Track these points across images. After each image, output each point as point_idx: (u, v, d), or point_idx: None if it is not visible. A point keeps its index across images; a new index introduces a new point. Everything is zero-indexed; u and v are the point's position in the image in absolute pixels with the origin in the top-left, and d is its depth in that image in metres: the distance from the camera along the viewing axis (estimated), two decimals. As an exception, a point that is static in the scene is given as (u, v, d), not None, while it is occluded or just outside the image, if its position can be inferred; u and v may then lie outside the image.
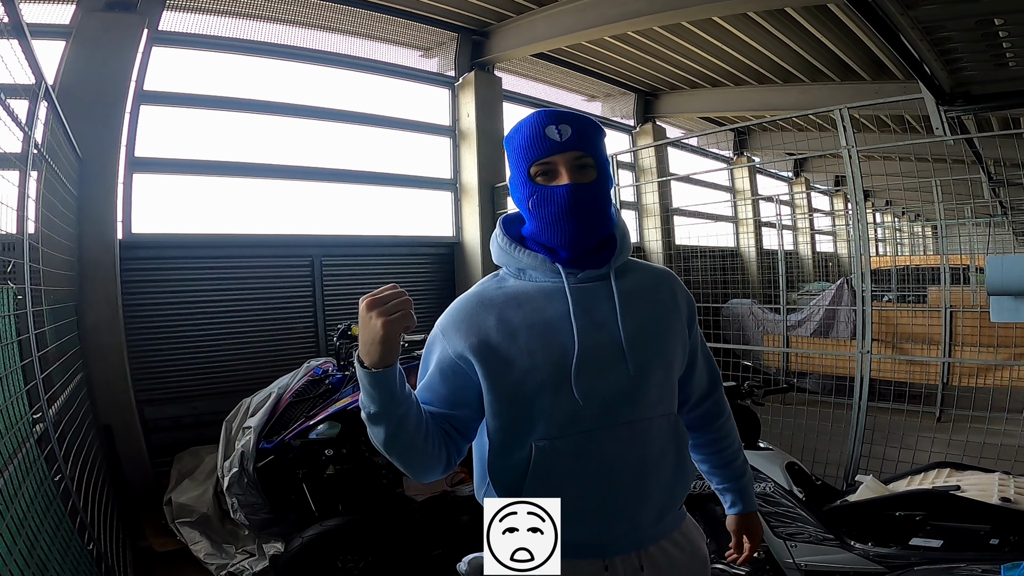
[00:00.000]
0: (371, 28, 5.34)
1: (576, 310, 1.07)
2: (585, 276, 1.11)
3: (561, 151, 1.07)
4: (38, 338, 2.31)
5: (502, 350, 1.05)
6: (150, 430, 4.05)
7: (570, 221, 1.07)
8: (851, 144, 3.43)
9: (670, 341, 1.14)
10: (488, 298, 1.11)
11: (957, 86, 2.87)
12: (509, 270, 1.16)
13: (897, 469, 3.07)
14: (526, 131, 1.09)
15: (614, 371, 1.07)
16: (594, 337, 1.07)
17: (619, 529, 1.09)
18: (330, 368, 3.30)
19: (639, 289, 1.15)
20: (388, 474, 2.96)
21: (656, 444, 1.10)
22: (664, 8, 4.61)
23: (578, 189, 1.07)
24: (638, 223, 7.34)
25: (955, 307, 4.99)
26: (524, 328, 1.06)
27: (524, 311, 1.08)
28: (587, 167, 1.09)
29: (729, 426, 1.33)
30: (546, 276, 1.11)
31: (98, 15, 3.84)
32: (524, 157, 1.09)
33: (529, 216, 1.12)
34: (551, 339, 1.06)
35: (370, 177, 5.46)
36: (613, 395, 1.07)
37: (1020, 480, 1.99)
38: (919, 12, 2.00)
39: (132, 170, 4.16)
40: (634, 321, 1.10)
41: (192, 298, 4.35)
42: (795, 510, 2.19)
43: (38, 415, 2.18)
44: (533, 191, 1.09)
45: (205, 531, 3.15)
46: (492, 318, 1.08)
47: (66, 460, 2.35)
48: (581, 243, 1.09)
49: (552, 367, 1.04)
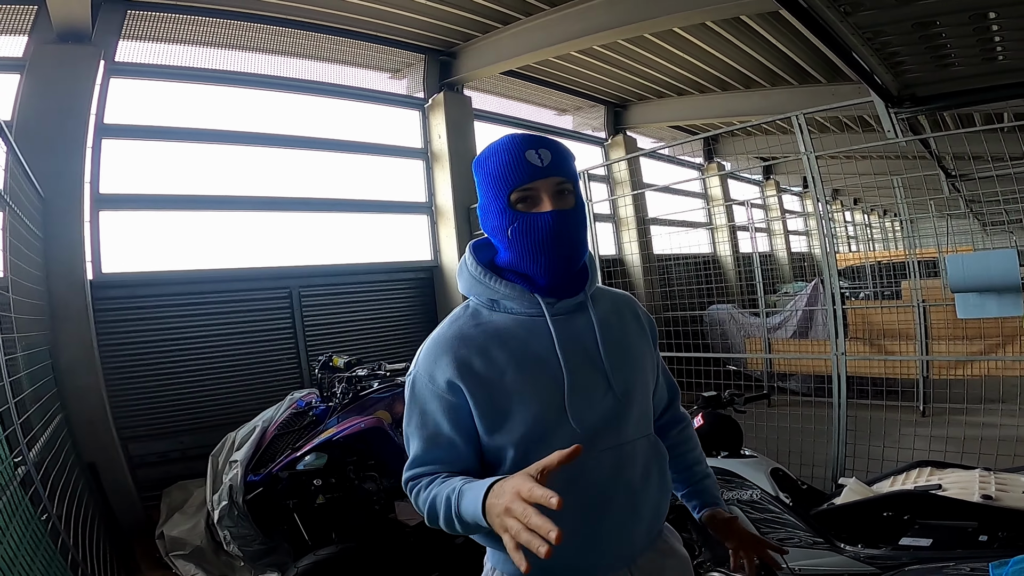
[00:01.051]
0: (337, 53, 5.35)
1: (560, 342, 1.06)
2: (562, 306, 1.10)
3: (543, 176, 1.04)
4: (13, 385, 2.33)
5: (492, 391, 1.03)
6: (136, 466, 4.02)
7: (552, 249, 1.05)
8: (809, 149, 3.51)
9: (644, 364, 1.16)
10: (468, 337, 1.07)
11: (903, 88, 2.94)
12: (480, 300, 1.12)
13: (883, 467, 3.10)
14: (504, 156, 1.05)
15: (602, 399, 1.07)
16: (580, 368, 1.06)
17: (612, 551, 1.08)
18: (313, 400, 3.28)
19: (609, 315, 1.15)
20: (379, 500, 2.96)
21: (641, 465, 1.11)
22: (626, 21, 4.71)
23: (561, 216, 1.04)
24: (615, 235, 7.40)
25: (927, 301, 5.10)
26: (511, 367, 1.04)
27: (508, 348, 1.05)
28: (567, 193, 1.06)
29: (689, 432, 1.34)
30: (523, 307, 1.09)
31: (51, 47, 3.78)
32: (504, 183, 1.05)
33: (507, 245, 1.08)
34: (539, 375, 1.04)
35: (344, 204, 5.44)
36: (601, 423, 1.07)
37: (1000, 476, 2.02)
38: (857, 18, 2.04)
39: (98, 207, 4.09)
40: (612, 347, 1.11)
41: (171, 335, 4.29)
42: (783, 515, 2.19)
43: (19, 458, 2.22)
44: (513, 219, 1.05)
45: (200, 563, 3.17)
46: (477, 358, 1.04)
47: (52, 499, 2.41)
48: (563, 271, 1.08)
49: (544, 404, 1.03)
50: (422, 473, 1.07)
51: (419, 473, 1.07)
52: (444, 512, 0.97)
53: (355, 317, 5.25)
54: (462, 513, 0.93)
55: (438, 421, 1.05)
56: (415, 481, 1.07)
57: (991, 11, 1.99)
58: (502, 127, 6.79)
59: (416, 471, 1.07)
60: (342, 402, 3.14)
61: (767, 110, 6.63)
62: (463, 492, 0.94)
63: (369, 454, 3.05)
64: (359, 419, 3.02)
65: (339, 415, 3.08)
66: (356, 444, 2.99)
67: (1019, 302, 2.99)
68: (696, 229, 7.50)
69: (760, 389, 3.65)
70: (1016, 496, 1.85)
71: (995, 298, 3.04)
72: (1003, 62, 2.55)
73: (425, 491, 1.03)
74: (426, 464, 1.07)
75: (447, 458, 1.06)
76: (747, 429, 2.67)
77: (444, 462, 1.06)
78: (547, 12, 5.04)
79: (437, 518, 1.00)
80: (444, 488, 0.99)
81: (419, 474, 1.07)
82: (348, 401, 3.14)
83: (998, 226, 7.67)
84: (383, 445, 3.01)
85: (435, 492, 1.01)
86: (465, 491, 0.93)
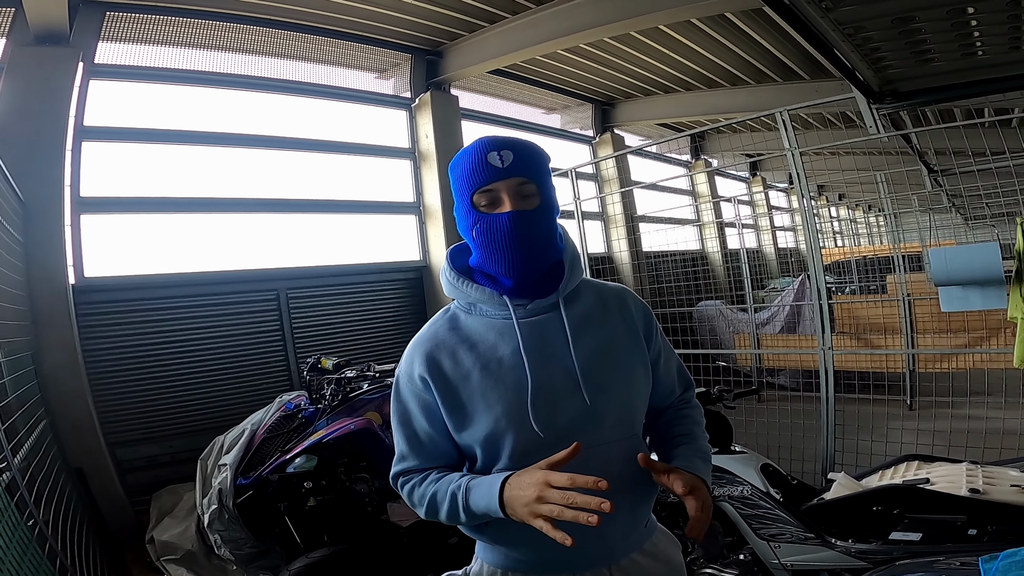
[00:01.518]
0: (322, 53, 5.31)
1: (527, 345, 1.07)
2: (535, 307, 1.11)
3: (503, 177, 1.06)
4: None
5: (458, 391, 1.07)
6: (125, 471, 3.99)
7: (513, 250, 1.06)
8: (793, 145, 3.54)
9: (627, 362, 1.13)
10: (440, 339, 1.12)
11: (884, 84, 2.95)
12: (460, 304, 1.16)
13: (872, 461, 3.14)
14: (468, 158, 1.08)
15: (570, 401, 1.07)
16: (547, 370, 1.07)
17: (587, 546, 1.07)
18: (302, 402, 3.24)
19: (591, 312, 1.14)
20: (372, 501, 2.95)
21: (616, 467, 1.07)
22: (613, 19, 4.71)
23: (520, 217, 1.05)
24: (604, 233, 7.42)
25: (912, 295, 5.16)
26: (477, 369, 1.07)
27: (476, 351, 1.09)
28: (530, 195, 1.07)
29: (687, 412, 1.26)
30: (496, 310, 1.11)
31: (29, 49, 3.73)
32: (467, 185, 1.08)
33: (474, 245, 1.11)
34: (504, 377, 1.06)
35: (332, 205, 5.40)
36: (570, 424, 1.06)
37: (988, 469, 2.04)
38: (838, 14, 2.05)
39: (79, 211, 4.02)
40: (588, 348, 1.10)
41: (157, 339, 4.24)
42: (774, 511, 2.21)
43: (3, 464, 2.24)
44: (477, 219, 1.08)
45: (192, 567, 3.17)
46: (446, 360, 1.09)
47: (37, 505, 2.42)
48: (525, 272, 1.08)
49: (507, 405, 1.05)
50: (411, 469, 1.14)
51: (408, 468, 1.14)
52: (448, 507, 1.05)
53: (344, 318, 5.22)
54: (471, 506, 1.02)
55: (419, 419, 1.11)
56: (406, 477, 1.14)
57: (969, 6, 2.00)
58: (490, 126, 6.78)
59: (404, 467, 1.14)
60: (331, 404, 3.11)
61: (753, 107, 6.68)
62: (470, 489, 1.02)
63: (360, 455, 3.03)
64: (349, 420, 3.00)
65: (329, 417, 3.05)
66: (346, 446, 2.97)
67: (1003, 295, 3.03)
68: (684, 226, 7.54)
69: (749, 385, 3.67)
70: (1003, 489, 1.87)
71: (978, 291, 3.08)
72: (982, 57, 2.58)
73: (420, 487, 1.10)
74: (410, 460, 1.13)
75: (429, 453, 1.12)
76: (737, 425, 2.69)
77: (428, 457, 1.12)
78: (534, 10, 5.04)
79: (437, 512, 1.07)
80: (445, 484, 1.07)
81: (408, 469, 1.14)
82: (337, 403, 3.12)
83: (980, 220, 7.79)
84: (374, 446, 3.00)
85: (435, 488, 1.08)
86: (473, 488, 1.02)
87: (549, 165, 1.14)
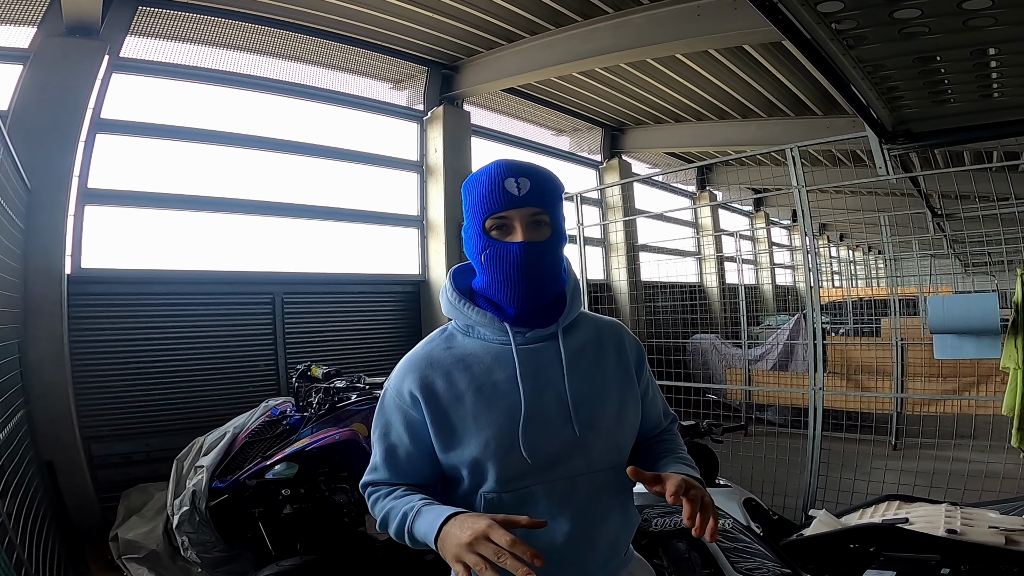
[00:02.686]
0: (341, 60, 5.38)
1: (523, 372, 1.08)
2: (533, 336, 1.12)
3: (518, 206, 1.06)
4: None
5: (449, 412, 1.07)
6: (96, 466, 3.93)
7: (521, 282, 1.07)
8: (801, 182, 3.56)
9: (618, 396, 1.15)
10: (436, 359, 1.12)
11: (898, 124, 2.98)
12: (458, 325, 1.16)
13: (854, 499, 3.12)
14: (484, 181, 1.08)
15: (560, 430, 1.08)
16: (541, 398, 1.08)
17: (568, 573, 1.09)
18: (288, 409, 3.23)
19: (587, 345, 1.16)
20: (350, 513, 2.91)
21: (601, 497, 1.10)
22: (630, 45, 4.77)
23: (531, 248, 1.06)
24: (605, 261, 7.43)
25: (905, 340, 5.16)
26: (471, 391, 1.08)
27: (471, 373, 1.09)
28: (542, 224, 1.08)
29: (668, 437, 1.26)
30: (495, 334, 1.12)
31: (58, 40, 3.79)
32: (481, 209, 1.08)
33: (481, 269, 1.12)
34: (498, 402, 1.07)
35: (335, 213, 5.42)
36: (558, 453, 1.07)
37: (966, 511, 2.04)
38: (860, 51, 2.09)
39: (84, 202, 4.06)
40: (581, 379, 1.11)
41: (147, 334, 4.22)
42: (753, 546, 2.19)
43: None
44: (487, 245, 1.08)
45: (155, 567, 3.11)
46: (440, 380, 1.09)
47: (3, 497, 2.36)
48: (531, 302, 1.09)
49: (498, 429, 1.05)
50: (380, 481, 1.14)
51: (377, 480, 1.14)
52: (397, 524, 1.05)
53: (339, 327, 5.21)
54: (414, 531, 1.02)
55: (400, 434, 1.12)
56: (374, 488, 1.15)
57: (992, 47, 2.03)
58: (499, 144, 6.85)
59: (374, 477, 1.15)
60: (318, 412, 3.09)
61: (762, 140, 6.73)
62: (421, 512, 1.02)
63: (342, 466, 3.00)
64: (334, 430, 2.98)
65: (314, 425, 3.03)
66: (330, 455, 2.95)
67: (997, 345, 3.03)
68: (684, 258, 7.56)
69: (739, 419, 3.66)
70: (981, 531, 1.87)
71: (973, 340, 3.09)
72: (999, 99, 2.60)
73: (383, 500, 1.11)
74: (382, 472, 1.14)
75: (403, 470, 1.12)
76: (724, 459, 2.69)
77: (400, 473, 1.13)
78: (552, 32, 5.10)
79: (388, 527, 1.08)
80: (402, 503, 1.07)
81: (377, 481, 1.14)
82: (324, 412, 3.10)
83: (980, 268, 7.80)
84: (357, 458, 2.97)
85: (392, 504, 1.08)
86: (424, 512, 1.01)
87: (563, 195, 1.14)
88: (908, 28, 1.87)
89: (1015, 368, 2.92)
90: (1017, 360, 2.90)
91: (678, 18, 4.44)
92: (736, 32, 4.28)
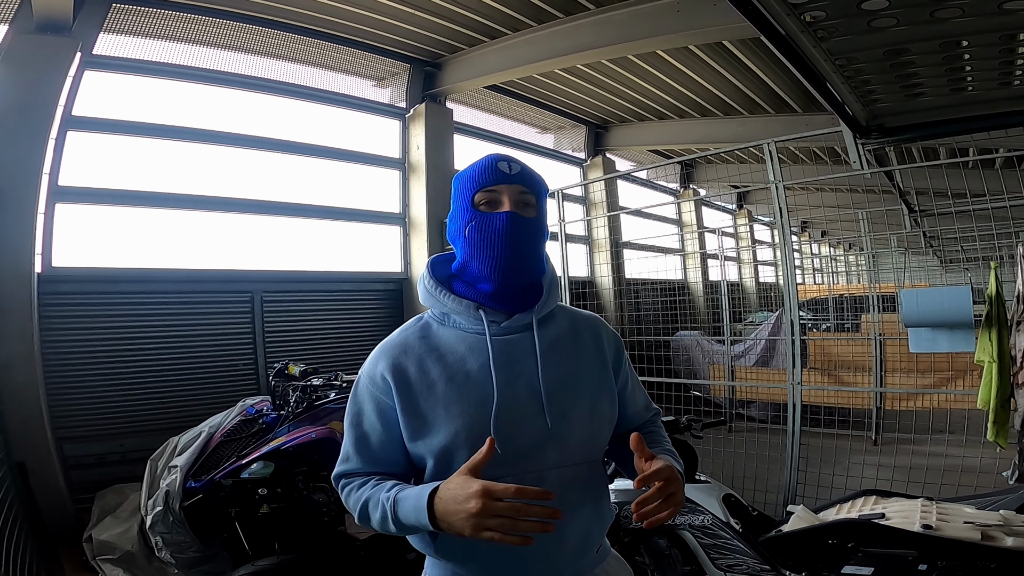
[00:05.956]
0: (321, 56, 5.33)
1: (497, 362, 1.07)
2: (508, 326, 1.11)
3: (508, 182, 1.10)
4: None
5: (420, 400, 1.06)
6: (70, 467, 3.88)
7: (504, 247, 1.08)
8: (778, 178, 3.58)
9: (593, 390, 1.14)
10: (410, 346, 1.12)
11: (872, 119, 2.99)
12: (434, 314, 1.16)
13: (833, 494, 3.15)
14: (477, 164, 1.13)
15: (532, 422, 1.06)
16: (513, 388, 1.07)
17: (533, 569, 1.08)
18: (264, 408, 3.18)
19: (563, 338, 1.16)
20: (330, 512, 2.87)
21: (573, 492, 1.08)
22: (612, 41, 4.78)
23: (517, 219, 1.09)
24: (588, 257, 7.43)
25: (885, 335, 5.23)
26: (443, 380, 1.07)
27: (445, 362, 1.09)
28: (529, 204, 1.12)
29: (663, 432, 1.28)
30: (470, 323, 1.12)
31: (29, 37, 3.73)
32: (471, 185, 1.11)
33: (463, 244, 1.12)
34: (469, 392, 1.06)
35: (316, 211, 5.37)
36: (528, 446, 1.06)
37: (942, 506, 2.06)
38: (831, 44, 2.08)
39: (55, 200, 3.98)
40: (555, 372, 1.10)
41: (120, 334, 4.15)
42: (732, 542, 2.20)
43: None
44: (472, 217, 1.10)
45: (130, 568, 3.09)
46: (412, 366, 1.09)
47: None
48: (511, 277, 1.10)
49: (468, 419, 1.04)
50: (353, 471, 1.12)
51: (350, 471, 1.12)
52: (379, 515, 1.03)
53: (320, 326, 5.16)
54: (400, 517, 1.00)
55: (372, 421, 1.10)
56: (347, 479, 1.12)
57: (963, 39, 2.03)
58: (482, 142, 6.82)
59: (346, 468, 1.13)
60: (295, 411, 3.05)
61: (744, 137, 6.76)
62: (399, 500, 1.00)
63: (321, 465, 2.96)
64: (311, 428, 2.94)
65: (291, 424, 2.99)
66: (307, 454, 2.91)
67: (971, 338, 3.06)
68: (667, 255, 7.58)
69: (720, 415, 3.68)
70: (956, 526, 1.88)
71: (947, 334, 3.12)
72: (972, 93, 2.60)
73: (356, 492, 1.09)
74: (354, 462, 1.12)
75: (375, 458, 1.11)
76: (706, 454, 2.69)
77: (373, 462, 1.11)
78: (534, 28, 5.10)
79: (369, 519, 1.06)
80: (377, 493, 1.05)
81: (350, 472, 1.12)
82: (301, 410, 3.06)
83: (955, 264, 7.94)
84: (335, 456, 2.93)
85: (368, 495, 1.06)
86: (401, 499, 1.00)
87: (547, 196, 1.18)
88: (876, 20, 1.86)
89: (989, 361, 2.96)
90: (991, 353, 2.94)
91: (659, 14, 4.46)
92: (716, 28, 4.31)
